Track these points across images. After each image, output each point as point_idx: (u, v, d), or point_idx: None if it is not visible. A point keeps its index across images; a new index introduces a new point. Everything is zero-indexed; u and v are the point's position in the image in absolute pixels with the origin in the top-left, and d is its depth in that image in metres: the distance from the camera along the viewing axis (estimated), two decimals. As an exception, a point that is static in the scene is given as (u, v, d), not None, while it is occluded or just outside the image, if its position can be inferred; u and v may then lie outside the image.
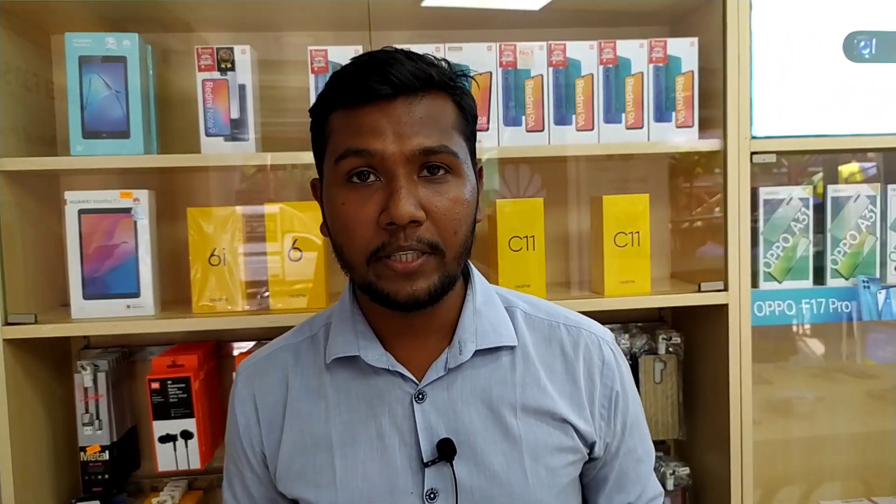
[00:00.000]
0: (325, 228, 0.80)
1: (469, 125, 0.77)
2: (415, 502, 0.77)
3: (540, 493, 0.78)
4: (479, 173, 0.80)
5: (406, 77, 0.70)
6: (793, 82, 1.30)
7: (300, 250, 1.26)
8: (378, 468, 0.78)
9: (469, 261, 0.82)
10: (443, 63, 0.76)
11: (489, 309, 0.82)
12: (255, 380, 0.85)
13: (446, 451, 0.76)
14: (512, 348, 0.82)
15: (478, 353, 0.80)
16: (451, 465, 0.77)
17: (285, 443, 0.81)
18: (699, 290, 1.29)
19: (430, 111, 0.72)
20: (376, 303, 0.75)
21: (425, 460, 0.77)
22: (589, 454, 0.84)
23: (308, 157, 1.26)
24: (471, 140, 0.78)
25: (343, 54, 1.23)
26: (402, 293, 0.72)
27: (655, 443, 1.45)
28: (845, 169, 1.56)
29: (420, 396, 0.79)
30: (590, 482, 0.88)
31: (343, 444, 0.79)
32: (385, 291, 0.72)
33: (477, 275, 0.85)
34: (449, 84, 0.75)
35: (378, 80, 0.70)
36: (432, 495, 0.77)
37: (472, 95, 0.79)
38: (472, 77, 0.80)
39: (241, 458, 0.85)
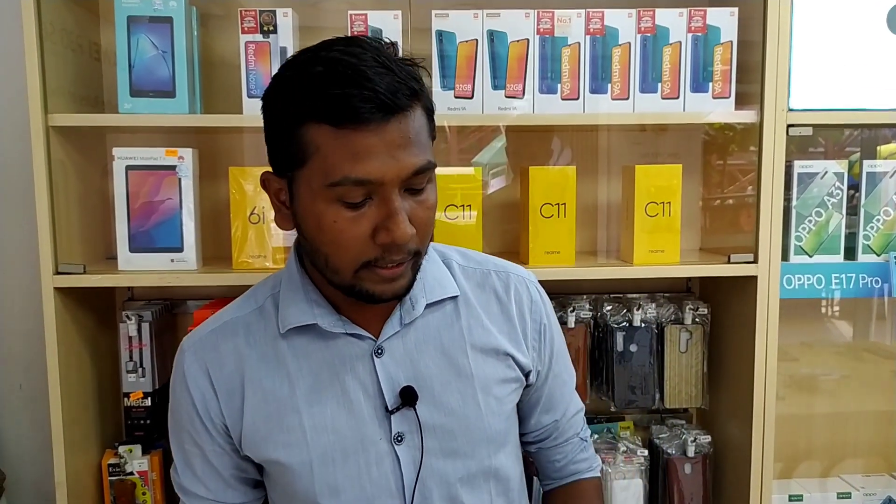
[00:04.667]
0: (287, 222, 0.81)
1: (431, 123, 0.79)
2: (384, 447, 0.84)
3: (492, 421, 0.87)
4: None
5: (395, 95, 0.71)
6: (833, 55, 1.29)
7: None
8: (346, 421, 0.84)
9: None
10: (404, 62, 0.76)
11: (432, 265, 0.89)
12: (206, 354, 0.86)
13: (409, 397, 0.83)
14: (455, 297, 0.89)
15: (426, 305, 0.87)
16: (415, 409, 0.84)
17: (248, 410, 0.84)
18: (729, 262, 1.30)
19: (415, 127, 0.74)
20: (353, 298, 0.79)
21: (390, 408, 0.84)
22: (525, 383, 0.94)
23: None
24: (434, 136, 0.81)
25: (383, 19, 1.25)
26: (386, 292, 0.78)
27: (678, 411, 1.50)
28: (885, 149, 1.54)
29: (379, 351, 0.85)
30: (522, 406, 0.97)
31: (310, 404, 0.84)
32: (370, 292, 0.78)
33: None
34: (421, 90, 0.76)
35: (368, 101, 0.69)
36: (399, 438, 0.84)
37: (428, 94, 0.79)
38: (422, 65, 0.80)
39: (199, 433, 0.86)
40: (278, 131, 0.77)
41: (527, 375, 0.93)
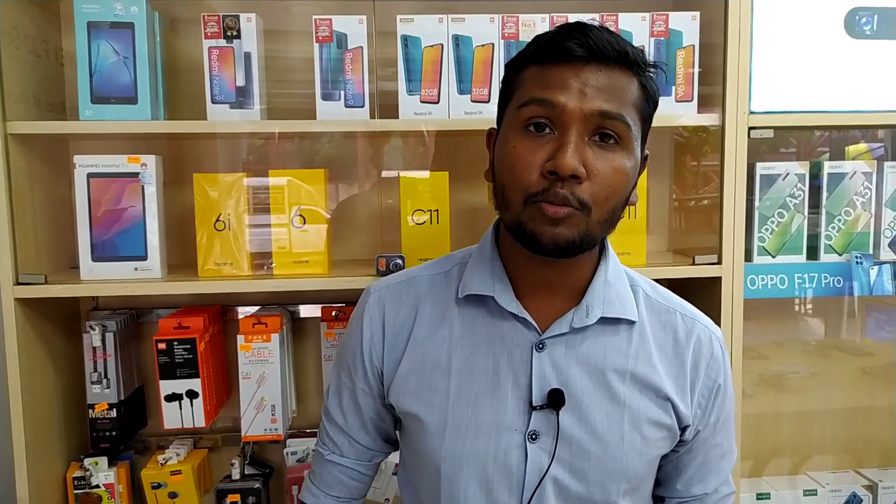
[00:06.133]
0: (491, 174, 0.85)
1: (649, 108, 0.81)
2: (517, 439, 0.83)
3: (632, 457, 0.84)
4: (644, 159, 0.84)
5: (603, 45, 0.75)
6: (793, 58, 1.31)
7: (303, 220, 1.28)
8: (488, 401, 0.84)
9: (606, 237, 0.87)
10: (639, 50, 0.79)
11: (618, 283, 0.87)
12: (388, 300, 0.91)
13: (556, 399, 0.82)
14: (631, 323, 0.86)
15: (600, 320, 0.84)
16: (557, 414, 0.82)
17: (405, 362, 0.87)
18: (693, 264, 1.32)
19: (616, 82, 0.76)
20: (521, 244, 0.80)
21: (535, 404, 0.82)
22: (679, 437, 0.88)
23: (311, 127, 1.30)
24: (647, 123, 0.82)
25: (347, 24, 1.25)
26: (545, 235, 0.76)
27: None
28: (853, 149, 1.56)
29: (540, 346, 0.84)
30: (669, 465, 0.92)
31: (460, 373, 0.85)
32: (532, 232, 0.77)
33: (611, 250, 0.89)
34: (640, 65, 0.78)
35: (576, 42, 0.75)
36: (534, 436, 0.83)
37: (657, 85, 0.82)
38: (662, 69, 0.85)
39: (356, 369, 0.91)
40: (505, 82, 0.84)
41: (683, 430, 0.88)
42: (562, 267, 0.83)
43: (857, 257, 1.35)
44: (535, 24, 1.27)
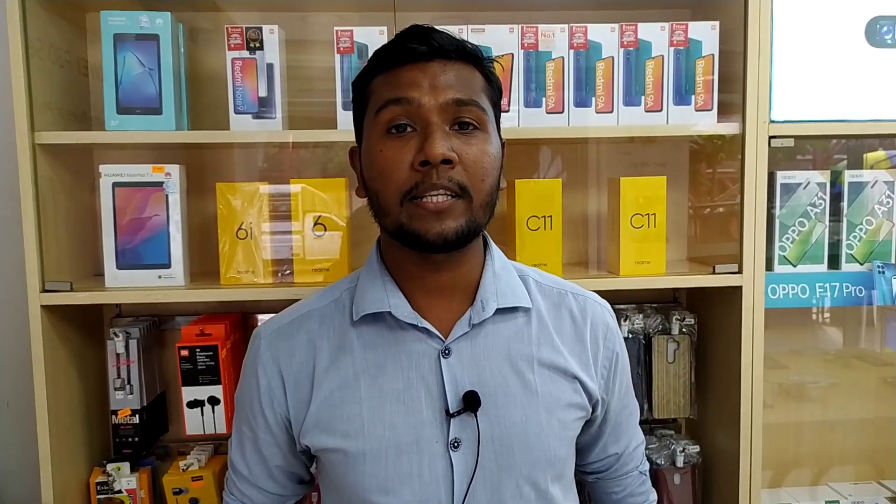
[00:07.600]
0: (362, 189, 0.86)
1: (495, 94, 0.85)
2: (439, 450, 0.82)
3: (553, 443, 0.85)
4: (502, 146, 0.86)
5: (443, 42, 0.79)
6: (813, 67, 1.30)
7: (324, 228, 1.29)
8: (404, 419, 0.82)
9: (486, 232, 0.89)
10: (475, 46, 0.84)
11: (506, 274, 0.89)
12: (279, 343, 0.88)
13: (471, 402, 0.81)
14: (527, 310, 0.88)
15: (497, 311, 0.85)
16: (475, 416, 0.82)
17: (315, 401, 0.85)
18: (714, 272, 1.31)
19: (462, 74, 0.80)
20: (407, 246, 0.80)
21: (451, 411, 0.82)
22: (591, 411, 0.91)
23: (332, 136, 1.31)
24: (496, 108, 0.86)
25: (368, 35, 1.26)
26: (431, 231, 0.77)
27: (667, 421, 1.51)
28: (871, 156, 1.56)
29: (446, 352, 0.84)
30: (588, 437, 0.96)
31: (370, 396, 0.83)
32: (417, 230, 0.77)
33: (494, 245, 0.91)
34: (478, 57, 0.83)
35: (418, 42, 0.79)
36: (456, 444, 0.82)
37: (497, 76, 0.86)
38: (497, 60, 0.90)
39: (256, 420, 0.89)
40: (355, 100, 0.86)
41: (594, 406, 0.90)
42: (451, 268, 0.84)
43: (879, 266, 1.34)
44: (555, 35, 1.28)
